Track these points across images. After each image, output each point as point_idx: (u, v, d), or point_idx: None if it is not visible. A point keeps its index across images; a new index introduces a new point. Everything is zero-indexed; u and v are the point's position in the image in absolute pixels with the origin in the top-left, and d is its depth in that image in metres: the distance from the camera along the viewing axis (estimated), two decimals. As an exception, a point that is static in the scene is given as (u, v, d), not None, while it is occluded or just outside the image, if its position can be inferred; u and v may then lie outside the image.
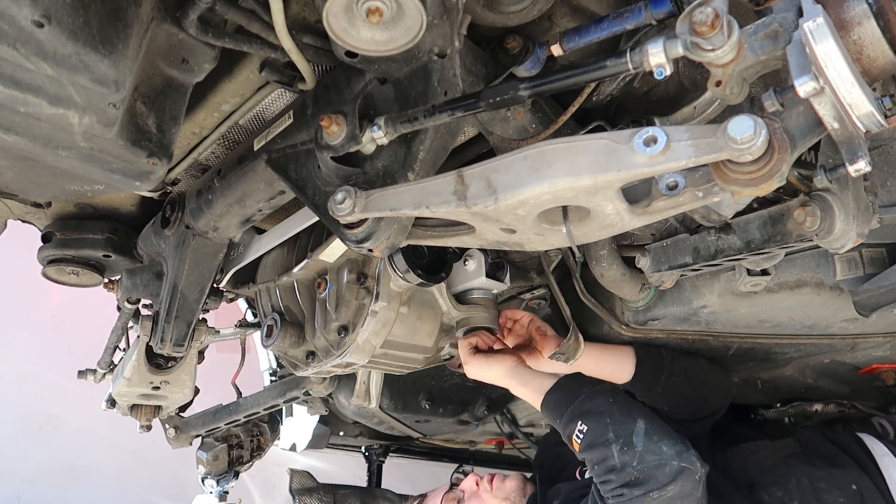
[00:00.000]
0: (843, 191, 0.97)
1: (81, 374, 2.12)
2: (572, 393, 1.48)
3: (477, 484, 1.95)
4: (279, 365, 2.78)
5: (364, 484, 3.20)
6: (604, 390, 1.49)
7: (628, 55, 0.75)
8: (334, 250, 1.42)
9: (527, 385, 1.55)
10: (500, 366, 1.58)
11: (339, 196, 0.94)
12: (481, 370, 1.59)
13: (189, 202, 1.42)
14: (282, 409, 2.61)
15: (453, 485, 2.05)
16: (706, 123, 1.02)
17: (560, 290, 1.64)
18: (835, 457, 1.69)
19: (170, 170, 1.43)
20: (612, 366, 1.70)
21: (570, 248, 1.52)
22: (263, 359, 2.87)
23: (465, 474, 2.06)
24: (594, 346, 1.68)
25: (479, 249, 1.56)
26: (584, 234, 0.92)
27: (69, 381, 2.20)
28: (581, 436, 1.41)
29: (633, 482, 1.32)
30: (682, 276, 1.36)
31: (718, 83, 0.77)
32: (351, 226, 0.98)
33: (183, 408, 2.20)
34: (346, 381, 2.13)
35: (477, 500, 1.92)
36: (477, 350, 1.61)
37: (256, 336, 2.47)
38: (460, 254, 1.57)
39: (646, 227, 1.29)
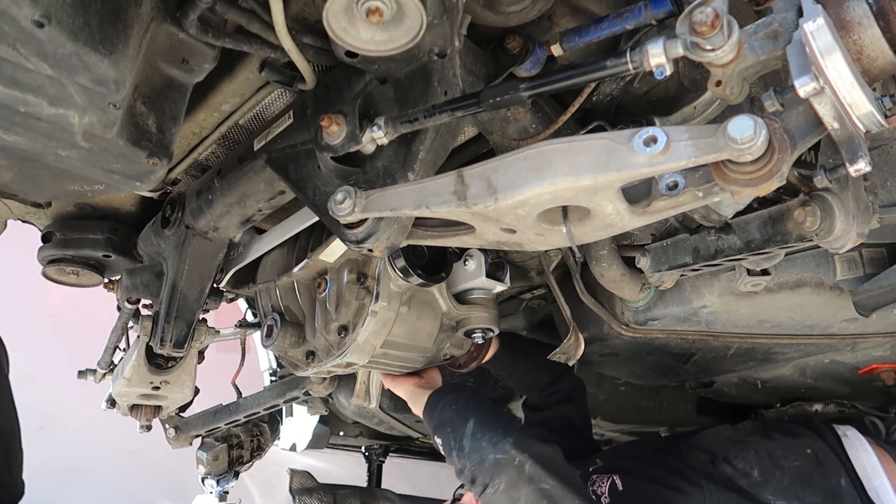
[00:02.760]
0: (843, 191, 0.97)
1: (81, 374, 2.12)
2: (432, 410, 1.60)
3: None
4: (279, 365, 2.77)
5: (364, 484, 3.20)
6: (451, 399, 1.58)
7: (628, 55, 0.75)
8: (334, 250, 1.42)
9: (416, 406, 1.68)
10: (400, 389, 1.74)
11: (339, 196, 0.94)
12: (393, 389, 1.78)
13: (189, 202, 1.42)
14: (282, 409, 2.61)
15: (455, 500, 2.05)
16: (706, 123, 1.02)
17: (560, 290, 1.64)
18: (791, 430, 1.77)
19: (170, 170, 1.43)
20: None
21: (570, 248, 1.52)
22: (263, 359, 2.87)
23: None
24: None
25: (479, 249, 1.56)
26: (584, 234, 0.92)
27: (69, 381, 2.20)
28: (441, 449, 1.52)
29: (472, 481, 1.39)
30: (682, 276, 1.36)
31: (718, 83, 0.77)
32: (351, 226, 0.98)
33: (183, 408, 2.20)
34: (346, 381, 2.13)
35: None
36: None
37: (256, 336, 2.47)
38: (460, 254, 1.57)
39: (646, 227, 1.29)
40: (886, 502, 1.55)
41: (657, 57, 0.73)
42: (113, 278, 1.85)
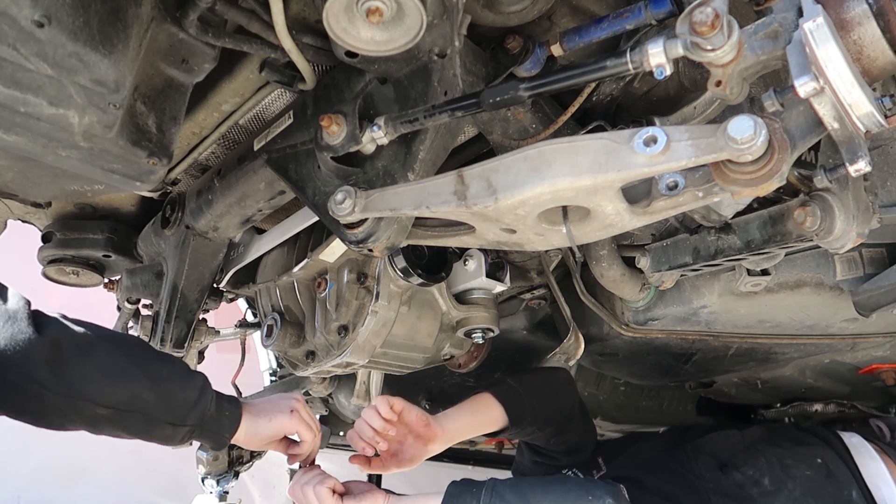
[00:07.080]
0: (843, 191, 0.97)
1: (81, 374, 2.11)
2: (469, 499, 1.32)
3: None
4: (279, 365, 2.77)
5: (364, 484, 3.20)
6: (500, 486, 1.35)
7: (628, 55, 0.75)
8: (334, 250, 1.42)
9: None
10: None
11: (339, 196, 0.94)
12: None
13: (189, 202, 1.42)
14: (282, 409, 2.60)
15: None
16: (706, 123, 1.02)
17: (560, 290, 1.64)
18: (800, 438, 1.74)
19: (170, 170, 1.43)
20: (484, 416, 1.63)
21: (570, 248, 1.52)
22: (263, 359, 2.87)
23: None
24: (459, 408, 1.61)
25: (479, 249, 1.56)
26: (584, 234, 0.92)
27: (69, 381, 2.19)
28: None
29: None
30: (682, 276, 1.36)
31: (718, 83, 0.77)
32: (351, 226, 0.98)
33: (183, 408, 2.20)
34: (346, 381, 2.13)
35: None
36: (341, 495, 1.34)
37: (256, 336, 2.47)
38: (460, 254, 1.57)
39: (646, 227, 1.29)
40: None
41: (657, 57, 0.73)
42: (113, 278, 1.85)
